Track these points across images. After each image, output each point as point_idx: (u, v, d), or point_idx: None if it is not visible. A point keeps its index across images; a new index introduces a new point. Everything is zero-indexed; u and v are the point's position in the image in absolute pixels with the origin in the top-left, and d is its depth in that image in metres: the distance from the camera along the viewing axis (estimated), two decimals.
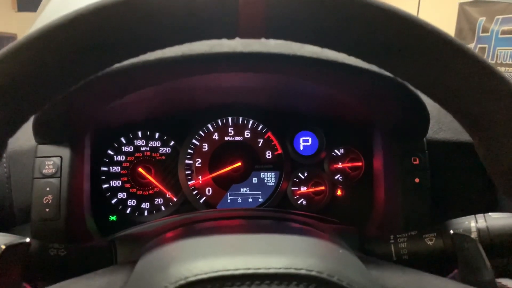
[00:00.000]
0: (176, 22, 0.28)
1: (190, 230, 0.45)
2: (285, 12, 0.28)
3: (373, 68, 0.32)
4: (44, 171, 0.54)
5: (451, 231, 0.42)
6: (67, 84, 0.30)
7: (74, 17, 0.27)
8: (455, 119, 0.33)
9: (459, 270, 0.40)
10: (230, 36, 0.31)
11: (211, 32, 0.30)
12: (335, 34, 0.30)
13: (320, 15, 0.28)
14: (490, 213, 0.47)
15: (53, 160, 0.54)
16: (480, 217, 0.47)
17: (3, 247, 0.35)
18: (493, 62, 4.49)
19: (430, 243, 0.48)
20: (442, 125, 0.68)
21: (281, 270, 0.28)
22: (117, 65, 0.30)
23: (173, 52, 0.45)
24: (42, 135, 0.55)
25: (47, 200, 0.53)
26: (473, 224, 0.46)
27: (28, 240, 0.38)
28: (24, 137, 0.62)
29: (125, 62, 0.32)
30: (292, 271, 0.28)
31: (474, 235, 0.45)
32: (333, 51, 0.31)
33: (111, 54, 0.30)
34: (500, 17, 4.42)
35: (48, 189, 0.53)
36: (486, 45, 4.64)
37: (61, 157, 0.55)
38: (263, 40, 0.31)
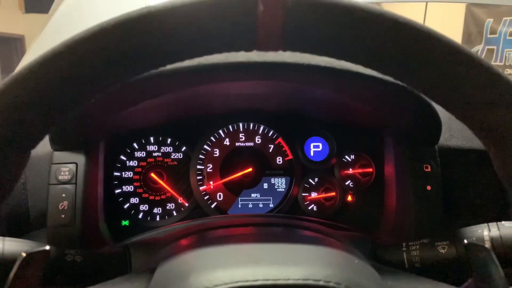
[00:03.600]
0: (196, 36, 0.29)
1: (206, 238, 0.45)
2: (301, 27, 0.29)
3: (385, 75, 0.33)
4: (60, 177, 0.55)
5: (465, 241, 0.42)
6: (87, 97, 0.31)
7: (97, 31, 0.28)
8: (470, 131, 0.33)
9: (473, 280, 0.40)
10: (248, 49, 0.31)
11: (229, 46, 0.31)
12: (351, 47, 0.30)
13: (336, 29, 0.29)
14: (503, 222, 0.47)
15: (68, 166, 0.55)
16: (493, 225, 0.47)
17: (24, 254, 0.35)
18: (502, 64, 4.46)
19: (442, 251, 0.48)
20: (454, 132, 0.68)
21: (300, 281, 0.28)
22: None
23: (189, 61, 0.46)
24: (58, 142, 0.56)
25: (62, 206, 0.53)
26: (486, 232, 0.46)
27: (47, 247, 0.39)
28: (40, 143, 0.63)
29: None
30: (311, 282, 0.28)
31: (487, 244, 0.45)
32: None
33: (131, 67, 0.30)
34: (508, 18, 4.38)
35: (64, 195, 0.54)
36: (494, 47, 4.59)
37: (76, 163, 0.56)
38: None
